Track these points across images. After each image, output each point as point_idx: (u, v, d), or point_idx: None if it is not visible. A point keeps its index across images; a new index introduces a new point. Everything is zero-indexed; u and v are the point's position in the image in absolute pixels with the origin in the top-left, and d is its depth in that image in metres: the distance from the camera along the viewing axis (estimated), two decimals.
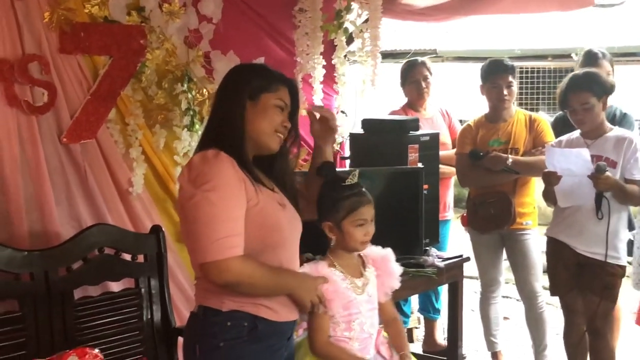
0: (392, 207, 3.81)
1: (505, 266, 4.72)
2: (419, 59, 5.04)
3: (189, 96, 3.86)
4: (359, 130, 4.39)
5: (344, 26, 4.56)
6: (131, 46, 3.64)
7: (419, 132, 4.19)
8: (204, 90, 3.93)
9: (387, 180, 3.85)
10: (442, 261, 3.86)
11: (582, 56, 4.63)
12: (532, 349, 4.59)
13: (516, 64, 4.52)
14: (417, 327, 5.44)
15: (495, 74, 4.43)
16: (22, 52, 3.31)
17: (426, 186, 3.92)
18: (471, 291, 5.51)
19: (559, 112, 4.47)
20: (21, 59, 3.28)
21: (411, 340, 5.26)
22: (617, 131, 3.89)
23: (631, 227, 4.26)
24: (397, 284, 2.71)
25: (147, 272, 3.47)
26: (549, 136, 4.37)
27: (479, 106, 4.72)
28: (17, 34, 3.29)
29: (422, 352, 5.02)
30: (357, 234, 2.54)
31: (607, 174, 3.65)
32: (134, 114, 3.73)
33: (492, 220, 4.42)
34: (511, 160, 4.29)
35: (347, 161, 4.78)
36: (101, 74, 3.58)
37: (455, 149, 4.70)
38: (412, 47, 6.55)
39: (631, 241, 4.21)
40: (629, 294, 4.56)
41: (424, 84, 4.88)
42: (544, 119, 4.55)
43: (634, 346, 5.08)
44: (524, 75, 11.52)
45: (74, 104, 3.52)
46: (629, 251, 4.06)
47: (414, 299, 5.23)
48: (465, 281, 4.15)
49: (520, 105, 4.71)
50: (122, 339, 3.35)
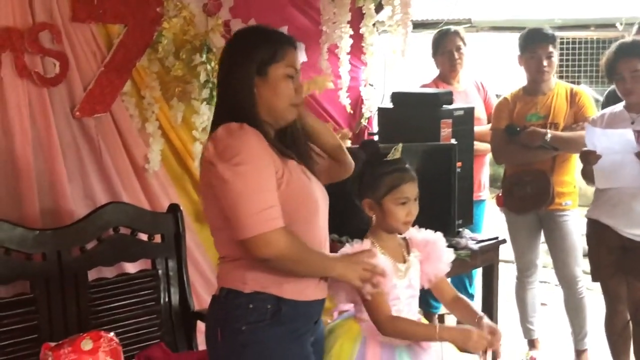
0: (423, 185, 3.72)
1: (543, 249, 4.68)
2: (452, 28, 4.99)
3: (208, 68, 3.84)
4: (388, 104, 4.35)
5: None
6: (147, 14, 3.63)
7: (452, 106, 4.14)
8: None
9: (418, 157, 3.75)
10: (476, 243, 3.84)
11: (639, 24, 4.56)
12: (571, 337, 4.57)
13: (556, 34, 4.45)
14: (448, 314, 5.41)
15: (534, 43, 4.36)
16: (33, 20, 3.31)
17: (459, 164, 3.90)
18: (507, 275, 5.47)
19: (610, 87, 4.42)
20: (31, 28, 3.29)
21: None
22: None
23: None
24: (445, 268, 2.67)
25: (165, 252, 3.48)
26: (591, 110, 4.31)
27: (516, 79, 4.66)
28: (26, 1, 3.29)
29: None
30: (399, 213, 2.49)
31: None
32: (150, 87, 3.73)
33: (530, 200, 4.38)
34: (550, 135, 4.23)
35: (376, 137, 4.75)
36: (115, 44, 3.58)
37: (490, 124, 4.65)
38: (444, 17, 6.49)
39: None
40: None
41: (456, 55, 4.82)
42: (585, 92, 4.49)
43: None
44: (565, 46, 11.38)
45: (87, 76, 3.52)
46: None
47: None
48: (500, 265, 4.12)
49: (560, 78, 4.63)
50: (138, 322, 3.37)
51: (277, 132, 2.44)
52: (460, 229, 3.93)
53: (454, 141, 3.96)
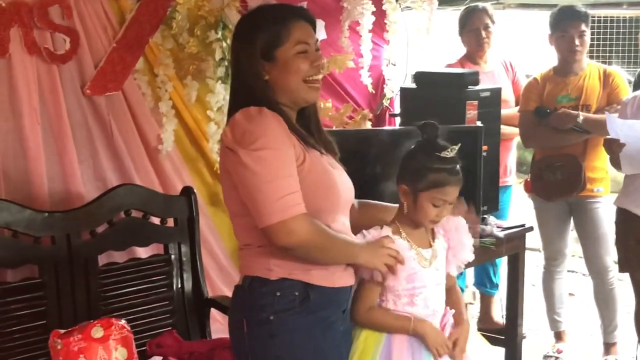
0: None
1: (571, 237, 4.64)
2: (480, 4, 4.93)
3: (224, 45, 3.81)
4: (411, 84, 4.31)
5: None
6: None
7: (478, 87, 4.11)
8: None
9: (441, 140, 3.78)
10: (502, 231, 3.82)
11: None
12: (600, 329, 4.54)
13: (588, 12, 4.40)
14: (472, 303, 5.40)
15: (566, 21, 4.32)
16: None
17: (485, 147, 3.86)
18: (533, 264, 5.45)
19: None
20: (41, 2, 3.27)
21: None
22: None
23: None
24: (470, 256, 2.66)
25: (177, 237, 3.47)
26: (625, 92, 4.27)
27: (545, 59, 4.61)
28: None
29: (477, 330, 4.95)
30: (430, 212, 2.47)
31: None
32: (163, 64, 3.72)
33: (559, 186, 4.34)
34: (582, 118, 4.19)
35: (397, 119, 4.71)
36: (128, 20, 3.57)
37: (518, 107, 4.61)
38: None
39: None
40: None
41: (484, 33, 4.77)
42: (619, 73, 4.44)
43: None
44: (596, 25, 11.26)
45: (98, 53, 3.51)
46: None
47: (469, 271, 5.18)
48: (526, 253, 4.10)
49: (590, 58, 4.59)
50: (150, 309, 3.37)
51: (298, 119, 2.42)
52: (485, 216, 3.90)
53: (479, 124, 3.92)
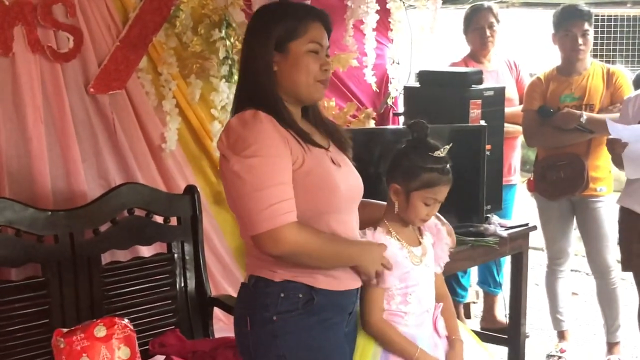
0: (451, 169, 3.75)
1: (575, 236, 4.63)
2: (485, 3, 4.93)
3: (228, 43, 3.82)
4: (415, 83, 4.30)
5: None
6: None
7: (482, 86, 4.10)
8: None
9: (445, 139, 3.64)
10: (505, 230, 3.80)
11: None
12: (603, 329, 4.53)
13: (591, 11, 4.38)
14: (475, 302, 5.40)
15: (569, 20, 4.31)
16: None
17: (489, 146, 3.85)
18: (536, 263, 5.44)
19: None
20: (44, 1, 3.27)
21: (468, 316, 5.23)
22: None
23: None
24: (447, 257, 2.67)
25: (181, 236, 3.47)
26: (628, 92, 4.26)
27: (550, 58, 4.60)
28: None
29: (480, 329, 4.97)
30: (421, 210, 2.49)
31: None
32: (167, 63, 3.72)
33: (562, 185, 4.34)
34: (585, 117, 4.19)
35: (401, 118, 4.70)
36: (131, 18, 3.57)
37: (522, 105, 4.60)
38: None
39: None
40: None
41: (488, 32, 4.76)
42: (623, 72, 4.43)
43: None
44: (600, 23, 11.24)
45: (101, 51, 3.51)
46: None
47: (473, 270, 5.17)
48: (530, 252, 4.09)
49: (594, 57, 4.59)
50: (153, 308, 3.37)
51: (302, 115, 2.41)
52: (488, 215, 3.89)
53: (483, 123, 3.92)
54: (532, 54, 7.09)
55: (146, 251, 3.52)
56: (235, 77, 3.85)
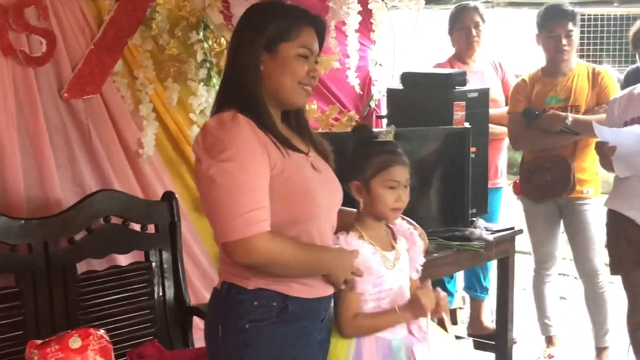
0: (435, 172, 3.78)
1: (562, 240, 4.65)
2: (471, 3, 4.94)
3: (205, 46, 3.82)
4: (398, 85, 4.31)
5: None
6: None
7: (466, 88, 4.10)
8: (222, 39, 3.88)
9: (429, 141, 3.80)
10: (491, 234, 3.80)
11: None
12: (591, 333, 4.54)
13: (577, 10, 4.40)
14: (461, 308, 5.40)
15: (553, 21, 4.32)
16: None
17: (474, 149, 3.86)
18: (523, 268, 5.46)
19: (631, 66, 4.37)
20: (16, 3, 3.25)
21: (455, 322, 5.22)
22: None
23: None
24: (422, 258, 2.69)
25: (159, 243, 3.46)
26: (614, 92, 4.27)
27: (534, 59, 4.61)
28: None
29: (467, 335, 4.98)
30: (387, 197, 2.50)
31: None
32: (143, 66, 3.70)
33: (549, 187, 4.36)
34: (571, 119, 4.20)
35: (384, 120, 4.70)
36: (106, 21, 3.55)
37: (507, 107, 4.61)
38: None
39: None
40: None
41: (474, 32, 4.78)
42: (609, 72, 4.45)
43: None
44: (586, 23, 11.30)
45: (75, 55, 3.50)
46: None
47: (459, 276, 5.18)
48: (516, 256, 4.10)
49: (580, 57, 4.60)
50: (130, 318, 3.35)
51: (283, 119, 2.41)
52: (474, 219, 3.89)
53: (467, 125, 3.92)
54: (518, 54, 7.11)
55: (123, 260, 3.51)
56: (214, 80, 3.86)
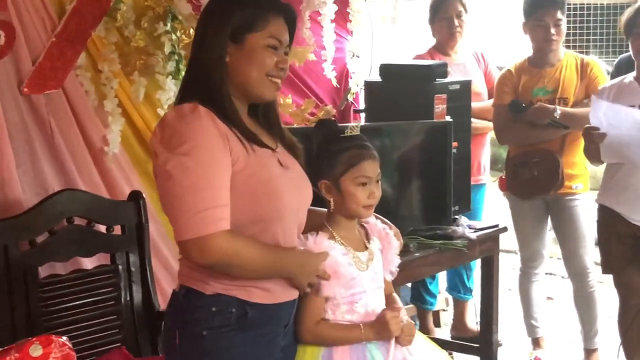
0: (416, 168, 3.81)
1: (549, 238, 4.65)
2: None
3: (173, 38, 3.79)
4: (377, 77, 4.30)
5: None
6: None
7: (447, 80, 4.14)
8: (191, 30, 3.84)
9: (409, 136, 3.83)
10: (474, 232, 3.82)
11: None
12: (580, 335, 4.56)
13: None
14: (444, 310, 5.43)
15: (541, 9, 4.33)
16: None
17: (455, 144, 3.88)
18: (509, 267, 5.47)
19: (622, 55, 4.37)
20: None
21: (438, 324, 5.24)
22: None
23: None
24: (398, 259, 2.66)
25: (125, 245, 3.44)
26: (604, 82, 4.29)
27: (520, 49, 4.63)
28: None
29: (451, 338, 5.00)
30: (358, 194, 2.47)
31: None
32: (108, 59, 3.67)
33: (536, 183, 4.37)
34: (559, 112, 4.22)
35: (362, 115, 4.69)
36: (68, 11, 3.52)
37: (492, 100, 4.60)
38: None
39: None
40: None
41: (456, 22, 4.78)
42: (597, 63, 4.47)
43: None
44: (571, 12, 11.35)
45: (36, 48, 3.46)
46: None
47: (442, 276, 5.18)
48: (502, 255, 4.13)
49: (567, 47, 4.61)
50: (96, 324, 3.32)
51: (250, 114, 2.39)
52: (456, 216, 3.91)
53: (449, 118, 3.95)
54: (502, 43, 7.13)
55: (88, 263, 3.47)
56: (182, 73, 3.82)
